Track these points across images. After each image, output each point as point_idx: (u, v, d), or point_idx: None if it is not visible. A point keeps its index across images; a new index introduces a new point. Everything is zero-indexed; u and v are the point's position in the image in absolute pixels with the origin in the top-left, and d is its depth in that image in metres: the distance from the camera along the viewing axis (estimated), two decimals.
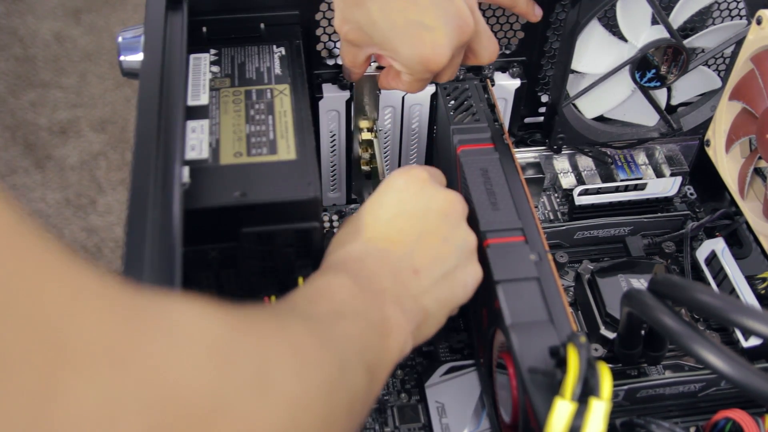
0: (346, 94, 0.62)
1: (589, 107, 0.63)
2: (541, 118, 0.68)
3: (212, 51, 0.54)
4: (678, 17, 0.58)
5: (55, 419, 0.18)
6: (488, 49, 0.51)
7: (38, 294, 0.20)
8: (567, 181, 0.67)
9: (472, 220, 0.49)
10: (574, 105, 0.62)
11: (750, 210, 0.57)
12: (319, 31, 0.60)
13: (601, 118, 0.64)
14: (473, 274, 0.45)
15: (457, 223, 0.45)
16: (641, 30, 0.58)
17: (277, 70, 0.53)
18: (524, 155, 0.66)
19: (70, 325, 0.20)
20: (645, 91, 0.61)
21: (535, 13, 0.55)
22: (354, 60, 0.53)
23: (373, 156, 0.64)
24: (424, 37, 0.46)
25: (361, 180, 0.67)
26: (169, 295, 0.25)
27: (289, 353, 0.29)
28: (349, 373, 0.33)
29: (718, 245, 0.60)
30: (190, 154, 0.46)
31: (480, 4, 0.61)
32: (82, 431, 0.19)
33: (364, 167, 0.66)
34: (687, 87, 0.63)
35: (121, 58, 0.55)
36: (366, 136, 0.65)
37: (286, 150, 0.47)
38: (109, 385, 0.20)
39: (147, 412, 0.21)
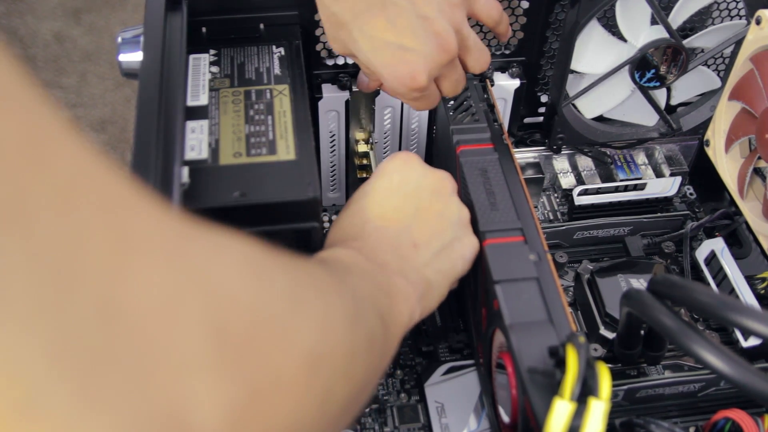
0: (346, 94, 0.62)
1: (589, 107, 0.63)
2: (541, 118, 0.68)
3: (212, 51, 0.54)
4: (677, 17, 0.58)
5: (125, 298, 0.20)
6: (479, 61, 0.52)
7: (105, 185, 0.21)
8: (566, 181, 0.67)
9: (472, 220, 0.49)
10: (573, 105, 0.62)
11: (749, 210, 0.57)
12: (318, 32, 0.60)
13: (600, 118, 0.64)
14: (470, 246, 0.46)
15: (449, 198, 0.47)
16: (641, 30, 0.58)
17: (277, 70, 0.53)
18: (524, 155, 0.66)
19: (133, 219, 0.21)
20: (644, 91, 0.61)
21: (508, 35, 0.56)
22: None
23: (369, 166, 0.65)
24: (403, 58, 0.47)
25: (359, 182, 0.68)
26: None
27: (313, 282, 0.30)
28: (366, 313, 0.34)
29: (717, 245, 0.60)
30: (190, 155, 0.46)
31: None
32: (149, 311, 0.20)
33: (361, 175, 0.66)
34: (686, 87, 0.63)
35: (121, 58, 0.55)
36: (362, 147, 0.65)
37: (286, 150, 0.47)
38: (170, 274, 0.21)
39: (203, 300, 0.22)
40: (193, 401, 0.21)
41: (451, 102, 0.57)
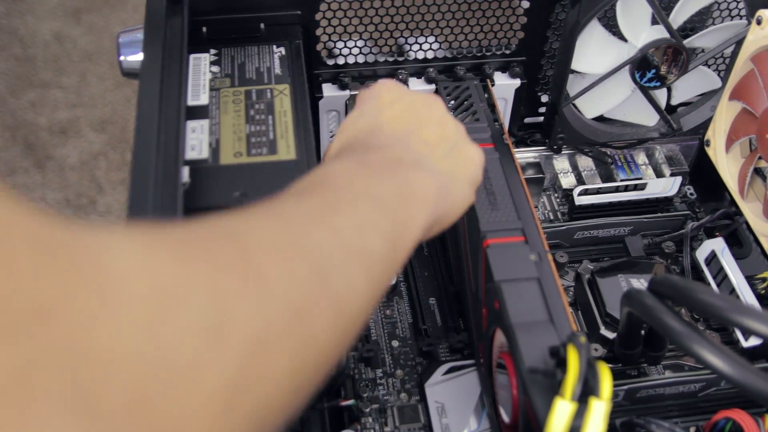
0: (346, 94, 0.62)
1: (589, 107, 0.63)
2: (541, 118, 0.68)
3: (212, 51, 0.54)
4: (678, 17, 0.58)
5: None
6: None
7: None
8: (567, 181, 0.67)
9: (472, 220, 0.49)
10: (574, 105, 0.62)
11: (750, 210, 0.57)
12: (319, 31, 0.60)
13: (601, 118, 0.64)
14: (477, 151, 0.45)
15: (445, 111, 0.45)
16: (641, 30, 0.58)
17: (277, 70, 0.53)
18: (524, 155, 0.66)
19: None
20: (645, 91, 0.61)
21: None
22: None
23: None
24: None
25: None
26: (107, 233, 0.22)
27: (248, 282, 0.25)
28: (335, 278, 0.29)
29: (718, 245, 0.60)
30: (190, 154, 0.46)
31: (480, 4, 0.61)
32: None
33: None
34: (687, 87, 0.63)
35: (121, 58, 0.55)
36: None
37: (286, 150, 0.47)
38: (25, 347, 0.18)
39: (69, 374, 0.18)
40: None
41: (452, 102, 0.57)
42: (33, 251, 0.19)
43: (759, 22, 0.52)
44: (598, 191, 0.64)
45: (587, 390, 0.35)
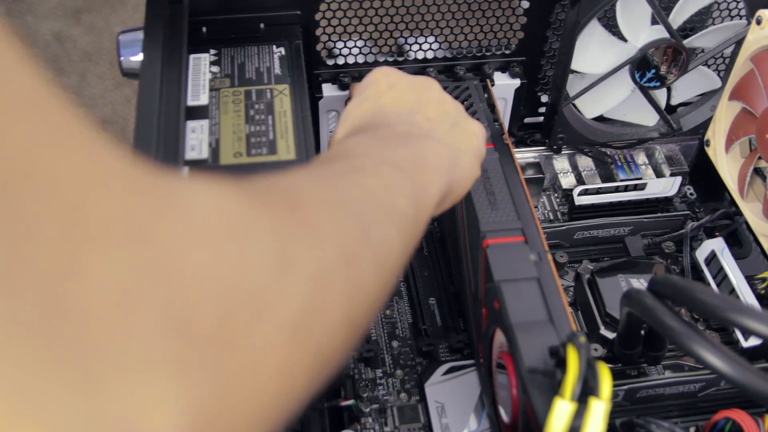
0: (346, 94, 0.62)
1: (589, 107, 0.63)
2: (541, 118, 0.68)
3: (212, 51, 0.54)
4: (678, 17, 0.58)
5: (73, 297, 0.18)
6: None
7: (62, 165, 0.18)
8: (567, 181, 0.67)
9: (472, 220, 0.49)
10: (574, 105, 0.62)
11: (750, 210, 0.57)
12: (319, 31, 0.60)
13: (601, 118, 0.64)
14: (478, 126, 0.45)
15: (442, 90, 0.46)
16: (641, 30, 0.58)
17: (277, 70, 0.53)
18: (524, 155, 0.66)
19: (90, 200, 0.19)
20: (645, 91, 0.61)
21: None
22: None
23: None
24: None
25: None
26: (180, 176, 0.24)
27: (303, 229, 0.28)
28: (374, 231, 0.32)
29: (718, 245, 0.60)
30: (190, 154, 0.46)
31: (480, 4, 0.61)
32: (101, 310, 0.18)
33: None
34: (687, 87, 0.63)
35: (121, 58, 0.55)
36: None
37: (286, 150, 0.47)
38: (127, 264, 0.19)
39: (165, 293, 0.20)
40: (149, 406, 0.19)
41: None
42: (124, 180, 0.20)
43: (759, 22, 0.52)
44: (598, 191, 0.64)
45: (587, 390, 0.35)
